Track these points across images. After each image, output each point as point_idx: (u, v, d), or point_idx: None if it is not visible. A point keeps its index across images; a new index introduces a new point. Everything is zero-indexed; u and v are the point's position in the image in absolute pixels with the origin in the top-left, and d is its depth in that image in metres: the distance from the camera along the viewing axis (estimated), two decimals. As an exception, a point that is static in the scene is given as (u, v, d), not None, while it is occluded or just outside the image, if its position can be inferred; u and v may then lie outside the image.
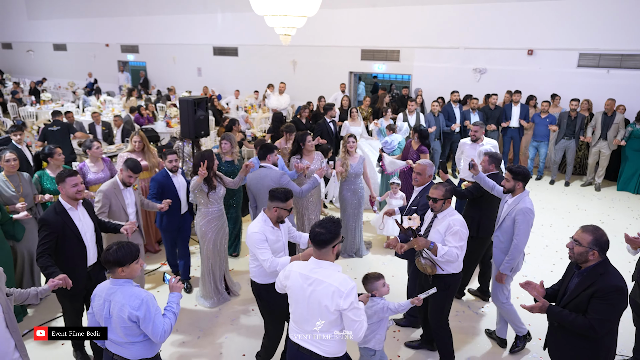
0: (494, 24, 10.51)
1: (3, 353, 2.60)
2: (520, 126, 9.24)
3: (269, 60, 14.10)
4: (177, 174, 4.88)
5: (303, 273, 2.69)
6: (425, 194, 4.05)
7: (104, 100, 13.15)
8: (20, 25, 21.98)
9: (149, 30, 17.09)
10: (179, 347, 4.26)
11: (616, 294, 2.69)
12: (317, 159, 5.57)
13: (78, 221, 3.55)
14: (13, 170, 4.59)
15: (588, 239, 2.78)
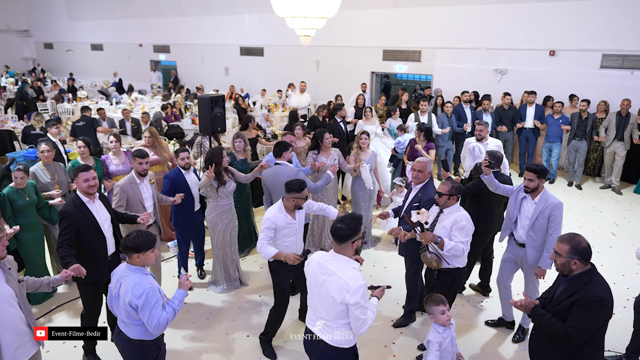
0: (515, 25, 10.48)
1: (19, 332, 2.84)
2: (536, 127, 9.23)
3: (294, 60, 14.41)
4: (190, 171, 5.03)
5: (320, 262, 2.84)
6: (425, 191, 4.22)
7: (135, 98, 13.75)
8: (61, 27, 23.09)
9: (179, 31, 17.70)
10: (189, 326, 4.58)
11: (597, 304, 2.67)
12: (334, 155, 5.83)
13: (96, 213, 3.74)
14: (49, 160, 5.04)
15: (565, 248, 2.78)
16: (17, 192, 4.52)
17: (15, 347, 2.79)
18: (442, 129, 8.70)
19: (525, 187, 4.07)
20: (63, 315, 4.74)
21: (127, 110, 9.97)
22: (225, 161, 4.79)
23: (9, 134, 9.34)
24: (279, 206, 3.84)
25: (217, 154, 4.68)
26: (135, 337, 2.92)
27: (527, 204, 4.14)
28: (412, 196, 4.36)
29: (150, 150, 5.85)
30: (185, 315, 4.75)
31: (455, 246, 3.60)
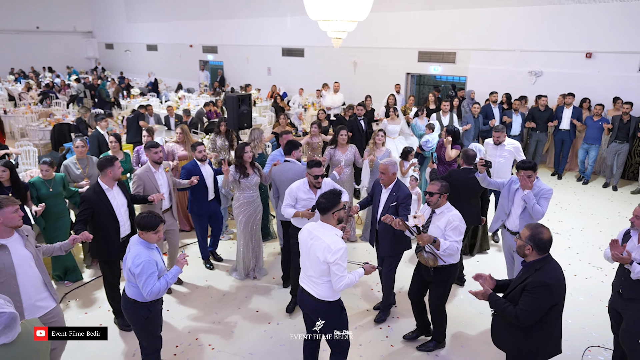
0: (551, 27, 10.39)
1: (38, 288, 3.34)
2: (571, 129, 9.22)
3: (332, 61, 14.83)
4: (205, 163, 5.48)
5: (309, 229, 3.42)
6: (399, 189, 4.39)
7: (182, 96, 14.67)
8: (121, 28, 24.74)
9: (227, 32, 18.59)
10: (208, 300, 5.14)
11: (541, 288, 2.88)
12: (351, 151, 6.25)
13: (113, 199, 4.29)
14: (82, 155, 5.55)
15: (526, 234, 3.02)
16: (43, 182, 5.04)
17: (35, 299, 3.31)
18: (464, 125, 8.85)
19: (523, 185, 4.37)
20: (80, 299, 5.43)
21: (172, 107, 10.77)
22: (248, 156, 5.12)
23: (68, 126, 10.37)
24: (304, 181, 4.45)
25: (240, 149, 5.10)
26: (131, 296, 3.43)
27: (521, 193, 4.42)
28: (387, 196, 4.44)
29: (181, 146, 6.46)
30: (205, 291, 5.31)
31: (450, 246, 3.76)
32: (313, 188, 4.42)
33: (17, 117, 12.06)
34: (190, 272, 5.72)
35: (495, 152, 6.49)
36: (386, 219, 4.02)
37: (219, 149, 7.03)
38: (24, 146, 8.75)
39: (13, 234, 3.29)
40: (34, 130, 10.69)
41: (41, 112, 12.20)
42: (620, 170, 8.87)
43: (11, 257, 3.21)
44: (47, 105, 13.57)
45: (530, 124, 9.25)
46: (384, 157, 6.33)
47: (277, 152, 5.68)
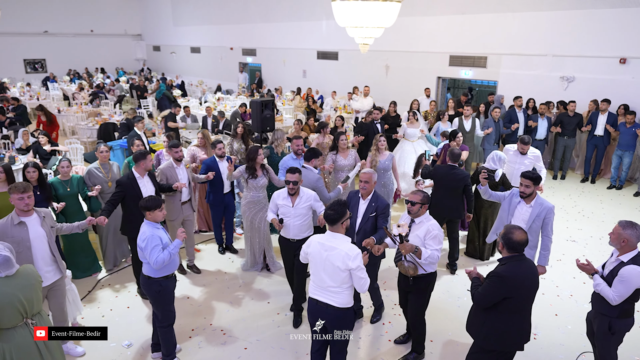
0: (584, 32, 10.22)
1: (48, 261, 4.00)
2: (605, 135, 9.14)
3: (365, 64, 15.07)
4: (223, 159, 6.01)
5: (321, 242, 3.45)
6: (378, 199, 4.46)
7: (220, 97, 15.35)
8: (167, 31, 25.94)
9: (265, 36, 19.19)
10: (225, 289, 5.59)
11: (496, 278, 3.21)
12: (352, 156, 6.41)
13: (142, 187, 5.07)
14: (104, 160, 5.89)
15: (502, 232, 3.32)
16: (61, 182, 5.47)
17: (44, 270, 3.98)
18: (486, 129, 8.91)
19: (521, 193, 4.50)
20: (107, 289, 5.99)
21: (210, 108, 11.37)
22: (260, 159, 5.51)
23: (113, 125, 11.18)
24: (285, 189, 4.68)
25: (253, 152, 5.47)
26: (145, 273, 4.00)
27: (522, 208, 4.53)
28: (365, 207, 4.45)
29: (202, 150, 6.89)
30: (223, 281, 5.77)
31: (431, 254, 3.82)
32: (291, 196, 4.61)
33: (69, 116, 13.06)
34: (209, 263, 6.24)
35: (516, 159, 6.73)
36: (367, 244, 4.03)
37: (236, 152, 7.36)
38: (72, 144, 9.56)
39: (32, 214, 3.98)
40: (82, 129, 11.60)
41: (90, 112, 13.16)
42: None
43: (28, 233, 3.90)
44: (96, 105, 14.57)
45: (556, 129, 9.20)
46: (388, 161, 6.44)
47: (288, 157, 5.99)
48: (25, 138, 8.74)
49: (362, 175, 4.46)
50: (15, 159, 7.95)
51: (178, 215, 5.66)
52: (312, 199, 4.70)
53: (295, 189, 4.59)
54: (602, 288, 3.59)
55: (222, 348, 4.56)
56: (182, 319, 4.97)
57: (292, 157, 5.95)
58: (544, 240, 4.51)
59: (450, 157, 5.85)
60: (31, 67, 25.48)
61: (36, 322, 3.28)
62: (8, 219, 3.90)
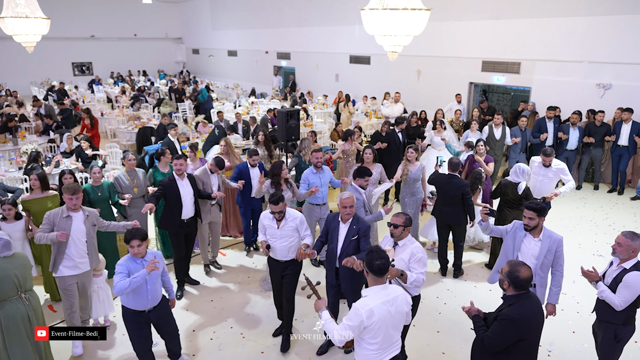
0: (622, 38, 9.90)
1: (82, 253, 4.54)
2: (630, 145, 8.90)
3: (397, 69, 15.06)
4: (255, 167, 6.43)
5: (385, 301, 3.03)
6: (358, 221, 4.31)
7: (253, 101, 15.72)
8: (206, 35, 26.71)
9: (299, 40, 19.49)
10: (247, 294, 5.86)
11: (507, 321, 3.04)
12: (377, 170, 6.42)
13: (181, 187, 5.54)
14: (130, 168, 6.18)
15: (506, 269, 3.17)
16: (93, 188, 5.80)
17: (77, 261, 4.55)
18: (513, 137, 8.82)
19: (525, 226, 4.10)
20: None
21: (239, 113, 11.72)
22: (284, 173, 5.72)
23: (151, 130, 11.67)
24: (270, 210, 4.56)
25: (277, 167, 5.69)
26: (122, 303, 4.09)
27: (529, 243, 4.13)
28: (347, 231, 4.31)
29: (225, 157, 7.12)
30: (246, 286, 6.04)
31: (417, 278, 3.72)
32: (277, 219, 4.54)
33: (111, 119, 13.75)
34: (233, 267, 6.52)
35: (540, 170, 6.69)
36: (347, 263, 3.89)
37: (260, 158, 7.64)
38: (112, 148, 10.10)
39: (79, 211, 4.55)
40: (122, 132, 12.19)
41: (130, 116, 13.79)
42: None
43: (72, 226, 4.46)
44: (137, 109, 15.23)
45: (589, 139, 8.98)
46: (419, 171, 6.57)
47: (308, 171, 6.05)
48: (69, 142, 9.32)
49: (344, 200, 4.26)
50: (60, 163, 8.52)
51: (206, 216, 6.01)
52: (297, 221, 4.59)
53: (281, 216, 4.51)
54: (607, 294, 3.66)
55: (240, 351, 4.81)
56: (205, 320, 5.26)
57: (312, 171, 6.04)
58: (555, 277, 4.14)
59: (450, 166, 5.98)
60: (79, 70, 26.83)
61: (29, 296, 3.95)
62: (60, 211, 4.49)
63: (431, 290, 5.95)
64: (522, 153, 9.02)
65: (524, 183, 5.86)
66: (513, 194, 5.88)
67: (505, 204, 6.03)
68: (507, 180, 5.99)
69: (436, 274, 6.37)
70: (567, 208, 8.55)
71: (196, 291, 5.96)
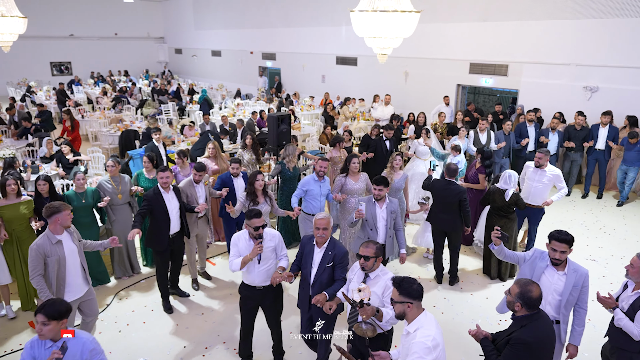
0: (609, 41, 9.98)
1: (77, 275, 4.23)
2: (606, 149, 8.94)
3: (384, 71, 14.96)
4: (239, 177, 6.11)
5: (436, 323, 2.97)
6: (335, 246, 3.94)
7: (239, 103, 15.46)
8: (189, 34, 26.29)
9: (285, 40, 19.28)
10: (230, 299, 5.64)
11: (522, 346, 2.92)
12: (362, 180, 6.04)
13: (167, 201, 5.21)
14: (114, 173, 5.95)
15: (515, 291, 3.04)
16: (76, 194, 5.59)
17: (75, 283, 4.23)
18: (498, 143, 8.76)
19: (555, 261, 3.58)
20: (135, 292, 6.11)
21: (225, 116, 11.45)
22: (259, 184, 5.30)
23: (134, 133, 11.35)
24: (245, 230, 4.08)
25: (252, 176, 5.35)
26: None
27: (552, 276, 3.64)
28: (321, 257, 3.91)
29: (212, 161, 6.93)
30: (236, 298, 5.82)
31: (393, 314, 3.28)
32: (254, 239, 4.02)
33: (92, 121, 13.32)
34: (224, 277, 6.30)
35: (535, 176, 6.43)
36: (317, 302, 3.55)
37: (247, 163, 7.33)
38: (94, 152, 9.76)
39: (64, 232, 4.18)
40: (104, 136, 11.82)
41: (112, 118, 13.41)
42: None
43: (64, 250, 4.11)
44: (118, 110, 14.82)
45: (570, 144, 8.99)
46: (402, 180, 6.32)
47: (310, 177, 5.85)
48: (49, 147, 8.96)
49: (318, 220, 3.86)
50: (40, 168, 8.17)
51: (192, 229, 5.73)
52: (276, 239, 4.15)
53: (262, 233, 4.00)
54: (625, 323, 3.50)
55: (234, 368, 4.62)
56: (196, 336, 5.05)
57: (314, 179, 5.80)
58: (579, 314, 3.68)
59: (447, 172, 5.86)
60: (57, 70, 26.13)
61: None
62: (45, 239, 4.07)
63: (428, 299, 5.81)
64: (505, 158, 8.96)
65: (511, 190, 5.78)
66: (501, 201, 5.83)
67: (494, 211, 6.00)
68: (496, 187, 5.94)
69: (432, 281, 6.27)
70: (557, 212, 8.54)
71: (186, 305, 5.72)
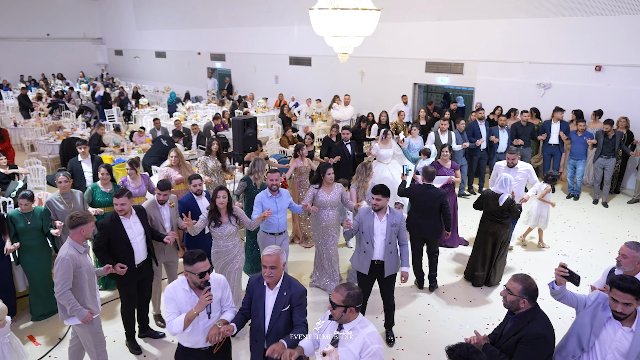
0: (560, 39, 10.28)
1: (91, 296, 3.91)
2: (560, 143, 9.25)
3: (339, 71, 14.75)
4: (202, 196, 5.27)
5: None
6: (290, 285, 3.30)
7: (190, 107, 14.71)
8: (130, 35, 24.92)
9: (235, 40, 18.64)
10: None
11: (539, 340, 2.87)
12: (336, 191, 5.53)
13: (128, 228, 4.38)
14: (65, 190, 5.27)
15: (518, 288, 2.97)
16: (21, 215, 4.94)
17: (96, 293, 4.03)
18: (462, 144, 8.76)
19: (617, 314, 2.88)
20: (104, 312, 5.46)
21: (179, 121, 10.80)
22: (220, 202, 4.54)
23: (76, 141, 10.40)
24: (182, 280, 3.24)
25: (214, 192, 4.60)
26: None
27: (614, 330, 2.94)
28: (275, 299, 3.27)
29: (176, 170, 6.33)
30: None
31: None
32: (197, 289, 3.20)
33: (27, 129, 12.15)
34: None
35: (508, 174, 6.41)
36: (273, 353, 2.93)
37: (211, 171, 6.74)
38: (33, 164, 8.83)
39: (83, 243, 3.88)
40: (42, 145, 10.78)
41: (51, 125, 12.30)
42: (608, 186, 8.91)
43: (89, 260, 3.92)
44: (56, 117, 13.67)
45: (518, 141, 9.19)
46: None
47: (263, 194, 5.16)
48: (-22, 160, 7.97)
49: (265, 257, 3.19)
50: (-31, 185, 7.22)
51: (159, 256, 4.96)
52: (222, 284, 3.39)
53: (209, 279, 3.22)
54: None
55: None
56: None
57: (267, 195, 5.14)
58: None
59: (425, 176, 5.61)
60: (-18, 74, 23.92)
61: None
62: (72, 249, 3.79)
63: (412, 307, 5.62)
64: (463, 156, 9.01)
65: (506, 195, 5.60)
66: (495, 206, 5.64)
67: (487, 216, 5.79)
68: (490, 190, 5.76)
69: (412, 287, 6.06)
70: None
71: (159, 349, 4.84)
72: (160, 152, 8.32)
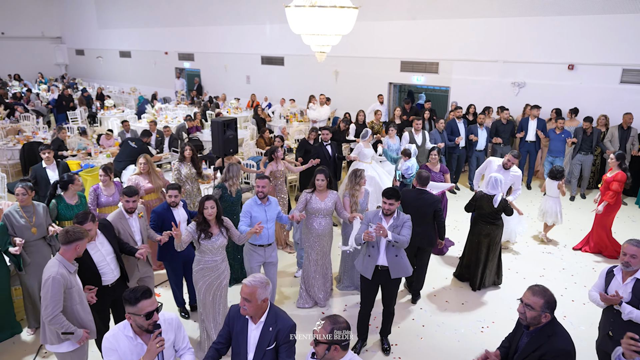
0: (534, 38, 10.40)
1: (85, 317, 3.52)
2: (537, 140, 9.35)
3: (313, 70, 14.57)
4: (179, 207, 4.94)
5: None
6: (276, 320, 2.90)
7: (159, 108, 14.17)
8: (92, 34, 23.95)
9: (204, 40, 18.15)
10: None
11: (565, 357, 2.69)
12: (331, 199, 5.12)
13: (94, 251, 3.96)
14: (26, 203, 4.70)
15: (540, 302, 2.75)
16: None
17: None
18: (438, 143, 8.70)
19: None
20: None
21: (153, 122, 10.29)
22: (208, 213, 4.14)
23: (38, 145, 9.77)
24: (125, 324, 2.78)
25: (200, 203, 4.19)
26: None
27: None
28: (259, 335, 2.87)
29: (145, 178, 5.88)
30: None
31: None
32: (144, 333, 2.75)
33: (-17, 134, 11.37)
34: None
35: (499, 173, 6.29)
36: None
37: (185, 178, 6.31)
38: (-9, 172, 8.21)
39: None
40: (1, 150, 10.09)
41: (9, 129, 11.56)
42: (587, 180, 9.13)
43: (79, 280, 3.55)
44: (15, 120, 12.88)
45: (497, 140, 9.27)
46: (366, 201, 5.51)
47: (251, 201, 4.79)
48: None
49: (242, 286, 2.84)
50: None
51: (133, 274, 4.56)
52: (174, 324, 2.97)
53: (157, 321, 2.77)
54: (637, 314, 3.37)
55: None
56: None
57: (256, 202, 4.77)
58: None
59: (419, 180, 5.31)
60: None
61: None
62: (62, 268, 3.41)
63: (405, 312, 5.45)
64: (442, 155, 8.98)
65: (500, 195, 5.49)
66: (489, 207, 5.51)
67: (480, 218, 5.65)
68: (482, 192, 5.64)
69: (402, 290, 5.89)
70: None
71: None
72: (130, 154, 7.85)
